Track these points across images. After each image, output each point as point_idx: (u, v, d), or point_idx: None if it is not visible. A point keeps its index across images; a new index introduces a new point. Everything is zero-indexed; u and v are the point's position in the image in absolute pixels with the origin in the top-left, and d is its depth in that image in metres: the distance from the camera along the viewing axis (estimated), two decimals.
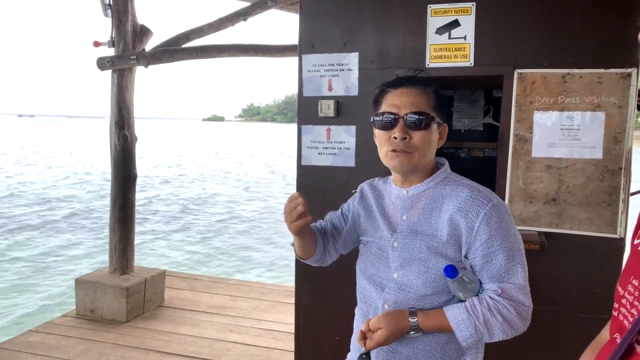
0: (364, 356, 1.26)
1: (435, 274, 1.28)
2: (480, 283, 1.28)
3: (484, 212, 1.26)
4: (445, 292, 1.29)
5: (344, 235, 1.57)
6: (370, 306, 1.40)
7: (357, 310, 1.52)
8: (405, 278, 1.31)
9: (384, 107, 1.35)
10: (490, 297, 1.24)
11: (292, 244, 1.51)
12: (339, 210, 1.63)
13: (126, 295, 4.24)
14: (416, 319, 1.26)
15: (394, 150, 1.31)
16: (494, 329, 1.23)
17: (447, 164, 1.42)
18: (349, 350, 1.57)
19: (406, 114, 1.30)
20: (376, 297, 1.38)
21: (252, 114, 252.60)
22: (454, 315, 1.24)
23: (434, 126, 1.33)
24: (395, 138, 1.30)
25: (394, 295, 1.33)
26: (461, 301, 1.28)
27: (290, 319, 3.94)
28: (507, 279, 1.25)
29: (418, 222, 1.34)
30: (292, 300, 3.38)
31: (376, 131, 1.38)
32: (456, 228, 1.28)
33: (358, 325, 1.47)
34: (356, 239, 1.57)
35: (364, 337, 1.28)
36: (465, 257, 1.29)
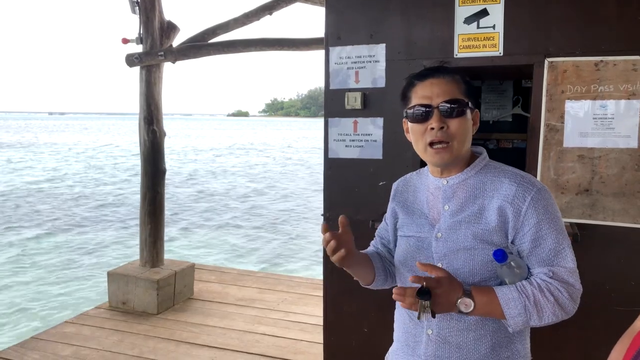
0: (424, 287, 1.15)
1: (481, 261, 1.26)
2: (529, 269, 1.27)
3: (531, 197, 1.25)
4: (492, 279, 1.27)
5: (395, 242, 1.53)
6: None
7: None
8: (451, 267, 1.28)
9: (414, 100, 1.33)
10: (541, 279, 1.23)
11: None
12: (383, 221, 1.60)
13: (157, 288, 4.32)
14: (470, 288, 1.23)
15: (431, 144, 1.29)
16: (544, 310, 1.21)
17: (485, 152, 1.39)
18: (378, 342, 1.57)
19: (440, 104, 1.28)
20: None
21: (275, 108, 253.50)
22: (504, 293, 1.22)
23: (468, 112, 1.31)
24: (432, 129, 1.28)
25: None
26: None
27: (318, 311, 3.97)
28: (557, 262, 1.24)
29: (461, 210, 1.32)
30: (320, 292, 3.40)
31: (410, 125, 1.35)
32: (502, 215, 1.26)
33: (402, 317, 1.43)
34: None
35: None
36: (512, 242, 1.27)
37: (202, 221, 11.94)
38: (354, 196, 2.82)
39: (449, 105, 1.28)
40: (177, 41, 4.68)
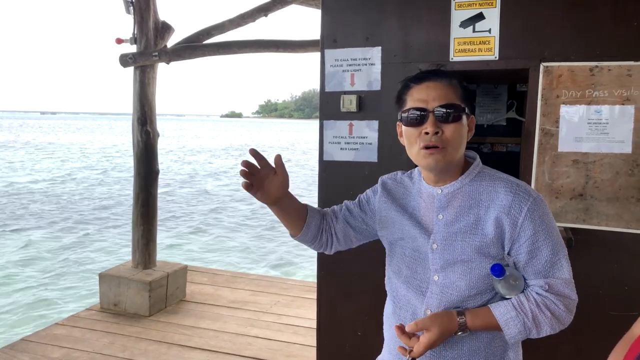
0: None
1: (478, 274, 1.25)
2: (524, 279, 1.26)
3: (527, 208, 1.22)
4: (488, 291, 1.26)
5: (360, 225, 1.50)
6: (407, 311, 1.34)
7: (389, 312, 1.45)
8: (448, 280, 1.27)
9: (410, 103, 1.29)
10: (537, 293, 1.23)
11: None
12: (357, 199, 1.57)
13: (149, 290, 4.29)
14: (464, 318, 1.23)
15: (426, 148, 1.25)
16: (542, 325, 1.21)
17: (478, 157, 1.36)
18: (372, 346, 1.55)
19: (435, 108, 1.25)
20: (415, 301, 1.33)
21: (269, 110, 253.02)
22: (502, 313, 1.21)
23: (464, 118, 1.28)
24: (427, 134, 1.24)
25: (437, 298, 1.28)
26: (504, 299, 1.26)
27: (311, 314, 3.95)
28: (553, 273, 1.23)
29: (456, 220, 1.29)
30: (313, 295, 3.39)
31: (404, 129, 1.32)
32: (499, 226, 1.24)
33: (392, 327, 1.38)
34: (374, 234, 1.51)
35: (409, 337, 1.23)
36: (508, 254, 1.25)
37: None
38: (349, 199, 2.79)
39: (444, 110, 1.25)
40: (171, 42, 4.66)
